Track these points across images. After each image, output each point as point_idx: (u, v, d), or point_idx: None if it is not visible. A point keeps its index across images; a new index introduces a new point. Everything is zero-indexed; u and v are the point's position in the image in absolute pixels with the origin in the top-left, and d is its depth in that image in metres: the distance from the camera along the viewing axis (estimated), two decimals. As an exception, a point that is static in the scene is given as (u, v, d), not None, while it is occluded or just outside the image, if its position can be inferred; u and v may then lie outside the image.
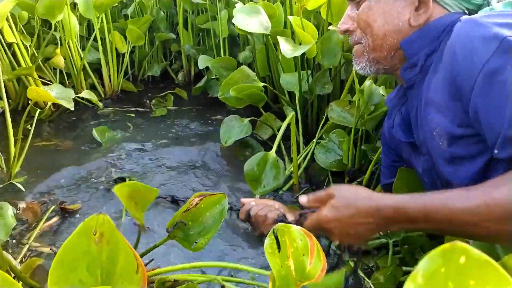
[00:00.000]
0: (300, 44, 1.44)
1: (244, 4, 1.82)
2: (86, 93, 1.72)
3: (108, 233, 0.45)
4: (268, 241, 0.58)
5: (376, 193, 0.69)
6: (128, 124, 1.88)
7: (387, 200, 0.65)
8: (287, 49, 1.31)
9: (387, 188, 1.06)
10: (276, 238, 0.58)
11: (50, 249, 0.98)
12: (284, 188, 1.38)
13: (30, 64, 1.77)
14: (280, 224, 0.59)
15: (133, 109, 2.04)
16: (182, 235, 0.69)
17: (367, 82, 1.25)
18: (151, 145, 1.70)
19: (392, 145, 1.02)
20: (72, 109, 1.43)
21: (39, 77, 1.87)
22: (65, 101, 1.36)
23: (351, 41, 0.89)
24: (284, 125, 1.38)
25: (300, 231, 0.59)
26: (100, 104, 1.82)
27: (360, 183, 1.30)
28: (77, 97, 1.75)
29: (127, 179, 1.41)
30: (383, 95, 1.24)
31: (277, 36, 1.35)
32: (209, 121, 1.94)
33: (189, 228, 0.69)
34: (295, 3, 1.45)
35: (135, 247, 0.75)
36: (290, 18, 1.34)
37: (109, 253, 0.45)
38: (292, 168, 1.39)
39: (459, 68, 0.65)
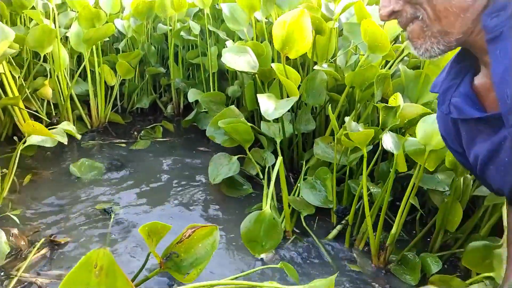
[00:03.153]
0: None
1: (234, 41, 1.90)
2: (65, 124, 1.71)
3: (107, 266, 0.46)
4: None
5: None
6: (109, 155, 1.89)
7: None
8: (268, 108, 1.30)
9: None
10: None
11: (37, 282, 0.97)
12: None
13: (17, 94, 1.78)
14: None
15: (117, 141, 2.04)
16: (174, 266, 0.70)
17: (347, 119, 1.30)
18: (132, 176, 1.71)
19: (451, 137, 0.86)
20: (66, 143, 1.45)
21: (26, 107, 1.88)
22: (60, 136, 1.38)
23: (401, 24, 0.73)
24: (274, 173, 1.33)
25: None
26: (78, 136, 1.77)
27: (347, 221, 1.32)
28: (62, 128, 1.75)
29: (111, 210, 1.41)
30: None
31: (258, 95, 1.36)
32: (197, 154, 1.96)
33: (181, 259, 0.70)
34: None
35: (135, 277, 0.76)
36: (273, 65, 1.39)
37: (108, 286, 0.46)
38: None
39: None
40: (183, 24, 2.20)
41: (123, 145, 2.00)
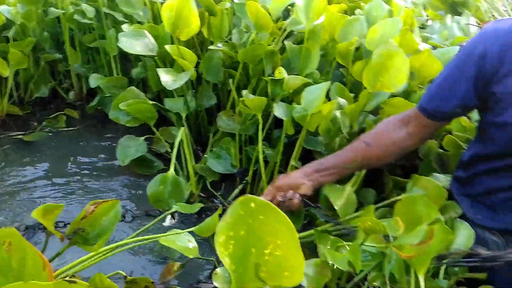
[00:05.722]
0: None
1: (132, 23, 1.90)
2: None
3: (15, 242, 0.54)
4: None
5: None
6: (6, 150, 1.84)
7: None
8: (168, 80, 1.40)
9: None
10: None
11: None
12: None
13: None
14: None
15: (13, 134, 1.96)
16: (81, 239, 0.80)
17: (244, 92, 1.45)
18: (36, 168, 1.70)
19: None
20: None
21: None
22: None
23: None
24: (176, 143, 1.47)
25: None
26: None
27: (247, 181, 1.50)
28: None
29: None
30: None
31: (157, 69, 1.44)
32: (105, 139, 1.97)
33: (88, 233, 0.80)
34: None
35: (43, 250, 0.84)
36: (167, 47, 1.46)
37: (18, 258, 0.54)
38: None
39: None
40: (76, 7, 2.13)
41: (21, 137, 1.93)
